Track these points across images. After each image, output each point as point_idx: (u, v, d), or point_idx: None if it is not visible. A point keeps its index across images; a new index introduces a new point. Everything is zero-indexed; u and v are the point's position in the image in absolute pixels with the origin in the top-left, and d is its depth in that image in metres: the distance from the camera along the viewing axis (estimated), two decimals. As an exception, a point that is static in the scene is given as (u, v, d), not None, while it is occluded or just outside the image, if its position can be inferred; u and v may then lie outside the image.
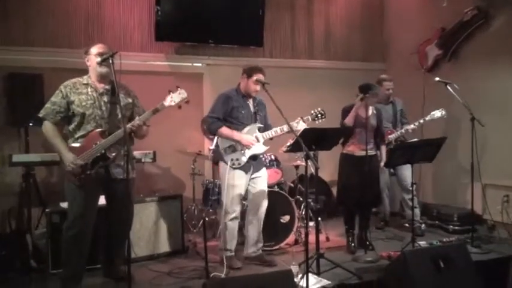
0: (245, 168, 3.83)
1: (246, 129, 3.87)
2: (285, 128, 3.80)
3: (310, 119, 3.93)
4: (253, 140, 3.82)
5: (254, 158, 3.88)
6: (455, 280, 3.14)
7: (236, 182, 3.80)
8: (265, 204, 3.99)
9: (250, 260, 3.96)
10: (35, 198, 4.42)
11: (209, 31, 5.61)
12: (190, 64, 5.76)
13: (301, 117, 3.91)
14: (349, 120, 4.10)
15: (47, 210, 3.86)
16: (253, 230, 3.98)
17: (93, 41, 3.43)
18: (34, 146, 4.61)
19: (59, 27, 5.09)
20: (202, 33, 5.60)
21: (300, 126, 3.85)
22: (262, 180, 4.00)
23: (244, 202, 4.06)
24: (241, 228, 4.16)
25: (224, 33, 5.68)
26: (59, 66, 4.86)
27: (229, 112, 3.84)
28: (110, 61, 3.03)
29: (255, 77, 3.80)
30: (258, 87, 3.84)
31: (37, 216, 4.44)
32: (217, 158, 4.00)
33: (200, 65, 5.79)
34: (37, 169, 4.54)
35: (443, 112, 4.69)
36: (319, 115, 3.96)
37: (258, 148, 3.88)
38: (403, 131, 4.83)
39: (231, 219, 3.84)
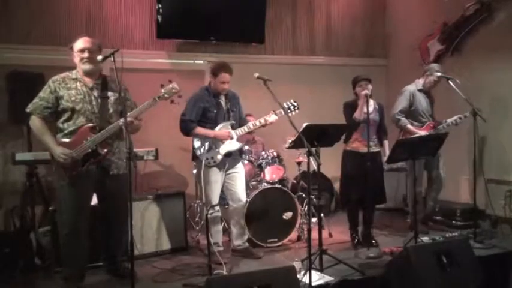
0: (219, 165, 3.91)
1: (218, 127, 3.93)
2: (258, 123, 3.93)
3: (282, 112, 3.90)
4: (228, 132, 3.89)
5: (228, 155, 3.94)
6: (458, 275, 3.13)
7: (211, 179, 3.89)
8: (243, 198, 4.07)
9: (237, 253, 4.07)
10: (38, 196, 4.44)
11: (210, 28, 5.61)
12: (191, 61, 5.77)
13: (273, 111, 3.94)
14: (358, 115, 4.09)
15: (50, 208, 3.87)
16: (235, 225, 4.08)
17: (78, 36, 3.35)
18: (37, 144, 4.60)
19: (60, 26, 5.10)
20: (204, 31, 5.60)
21: (272, 118, 3.89)
22: (239, 175, 4.06)
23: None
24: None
25: (225, 30, 5.68)
26: (60, 65, 4.82)
27: (201, 113, 3.90)
28: (112, 59, 3.00)
29: (220, 77, 3.87)
30: (226, 86, 3.91)
31: (40, 214, 4.45)
32: (193, 156, 4.04)
33: (201, 62, 5.80)
34: (40, 167, 4.55)
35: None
36: (292, 107, 4.00)
37: (232, 145, 3.95)
38: (445, 125, 4.61)
39: (212, 214, 3.91)
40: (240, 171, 4.07)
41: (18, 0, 4.91)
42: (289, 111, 3.96)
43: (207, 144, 3.89)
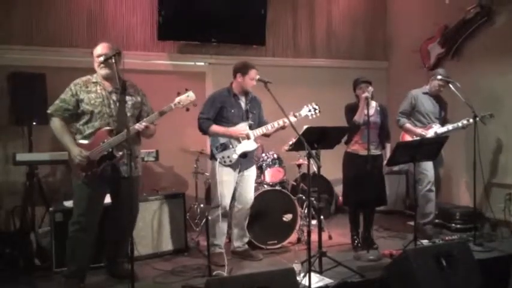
0: (233, 165, 3.93)
1: (236, 127, 3.94)
2: (276, 124, 3.94)
3: (302, 114, 3.97)
4: (244, 131, 3.90)
5: (244, 155, 3.95)
6: (458, 278, 3.14)
7: (224, 178, 3.90)
8: (250, 201, 4.08)
9: (237, 255, 4.10)
10: (38, 197, 4.44)
11: (211, 30, 5.62)
12: (192, 63, 5.78)
13: (293, 113, 3.97)
14: (359, 117, 4.10)
15: (50, 209, 3.88)
16: (237, 226, 4.11)
17: (95, 40, 3.41)
18: (37, 144, 4.62)
19: (61, 26, 5.11)
20: (205, 32, 5.61)
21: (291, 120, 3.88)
22: (250, 178, 4.09)
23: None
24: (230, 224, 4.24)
25: (226, 32, 5.69)
26: (61, 66, 4.88)
27: (218, 112, 3.93)
28: (113, 60, 3.05)
29: (251, 73, 3.90)
30: (254, 82, 3.91)
31: (41, 215, 4.45)
32: (211, 155, 4.06)
33: (203, 64, 5.81)
34: (41, 168, 4.56)
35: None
36: (313, 110, 4.02)
37: (249, 145, 3.96)
38: (450, 127, 4.57)
39: (220, 215, 3.91)
40: (252, 174, 4.10)
41: (19, 2, 4.92)
42: (309, 113, 4.00)
43: (223, 143, 3.91)
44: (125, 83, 3.36)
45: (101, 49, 3.29)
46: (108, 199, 3.49)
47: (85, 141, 3.27)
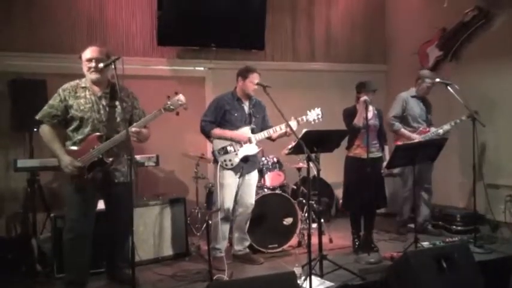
0: (235, 169, 3.94)
1: (238, 131, 3.96)
2: (278, 128, 3.96)
3: (304, 119, 3.98)
4: (246, 135, 3.92)
5: (245, 160, 3.96)
6: (458, 280, 3.14)
7: (226, 182, 3.92)
8: (251, 205, 4.10)
9: (237, 258, 4.11)
10: (39, 203, 4.45)
11: (211, 35, 5.64)
12: (192, 68, 5.80)
13: (295, 118, 3.98)
14: (358, 121, 4.10)
15: (51, 214, 3.89)
16: (237, 229, 4.12)
17: (88, 45, 3.38)
18: (38, 151, 4.63)
19: (62, 33, 5.13)
20: (204, 37, 5.63)
21: (292, 125, 3.85)
22: (252, 182, 4.11)
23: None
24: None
25: (226, 37, 5.70)
26: (62, 72, 4.88)
27: (221, 115, 3.95)
28: (113, 66, 3.03)
29: (251, 77, 3.92)
30: (256, 87, 3.92)
31: (42, 220, 4.46)
32: (214, 159, 4.07)
33: (202, 69, 5.83)
34: (42, 174, 4.57)
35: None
36: (316, 116, 4.02)
37: (250, 149, 3.98)
38: (440, 131, 4.66)
39: (221, 218, 3.92)
40: (253, 179, 4.11)
41: (20, 8, 4.94)
42: (312, 118, 4.01)
43: (225, 146, 3.92)
44: (114, 87, 3.26)
45: (90, 53, 3.24)
46: (101, 205, 3.46)
47: (75, 148, 3.23)
